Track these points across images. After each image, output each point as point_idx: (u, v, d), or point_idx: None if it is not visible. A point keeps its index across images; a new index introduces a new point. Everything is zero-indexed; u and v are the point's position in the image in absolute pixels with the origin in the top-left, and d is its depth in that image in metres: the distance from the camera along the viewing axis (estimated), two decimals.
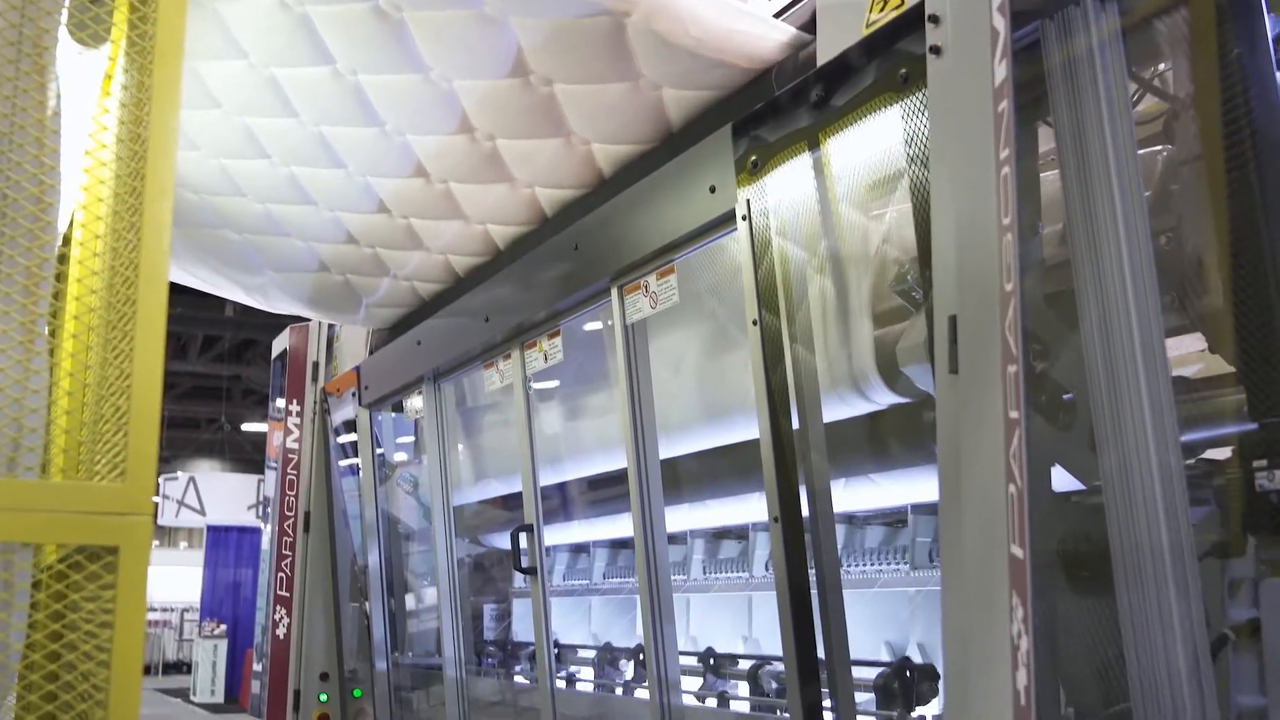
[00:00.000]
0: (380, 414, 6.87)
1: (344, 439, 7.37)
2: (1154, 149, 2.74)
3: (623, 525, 5.38)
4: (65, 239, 2.39)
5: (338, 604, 7.37)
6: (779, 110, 3.36)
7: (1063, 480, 2.74)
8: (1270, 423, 2.30)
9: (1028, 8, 2.56)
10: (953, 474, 2.53)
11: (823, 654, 3.33)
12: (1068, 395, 2.69)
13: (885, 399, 3.51)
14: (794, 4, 3.82)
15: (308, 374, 7.73)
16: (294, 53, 4.03)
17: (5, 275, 2.08)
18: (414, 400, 6.26)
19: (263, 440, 8.95)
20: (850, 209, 3.41)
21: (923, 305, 2.89)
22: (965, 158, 2.54)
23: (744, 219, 3.46)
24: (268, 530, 7.96)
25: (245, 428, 26.82)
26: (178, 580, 26.66)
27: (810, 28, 3.46)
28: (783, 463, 3.36)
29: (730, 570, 5.31)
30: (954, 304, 2.57)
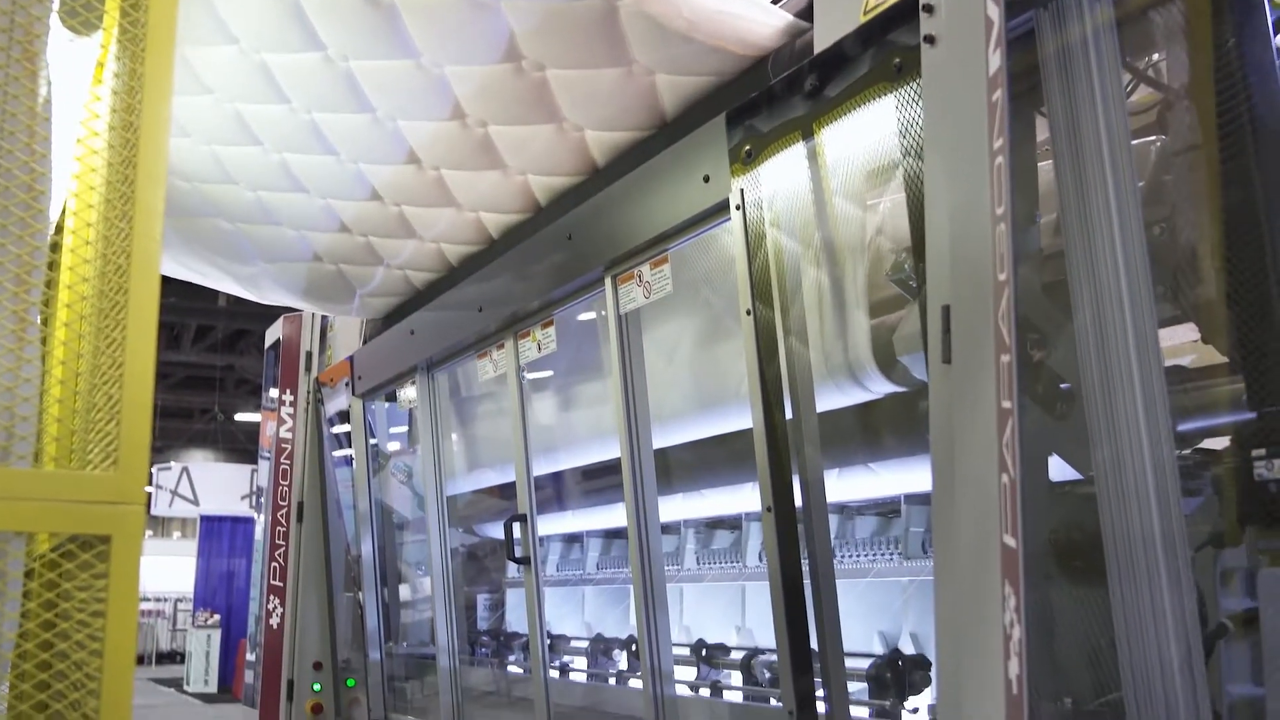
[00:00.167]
0: (373, 404, 6.87)
1: (338, 429, 7.37)
2: (1148, 139, 2.74)
3: (616, 515, 5.38)
4: (57, 227, 2.39)
5: (331, 594, 7.37)
6: (773, 99, 3.35)
7: (1055, 470, 2.74)
8: (1268, 412, 2.30)
9: None
10: (946, 464, 2.53)
11: (816, 644, 3.34)
12: (1065, 385, 2.69)
13: (882, 388, 3.51)
14: None
15: (301, 364, 7.72)
16: (284, 38, 4.01)
17: None
18: (407, 390, 6.25)
19: (256, 430, 8.93)
20: (845, 198, 3.41)
21: (920, 294, 2.89)
22: (959, 147, 2.54)
23: (738, 209, 3.46)
24: (261, 520, 7.96)
25: (239, 418, 26.82)
26: (171, 570, 26.65)
27: (808, 15, 3.46)
28: (776, 452, 3.36)
29: (723, 560, 5.32)
30: (947, 294, 2.57)
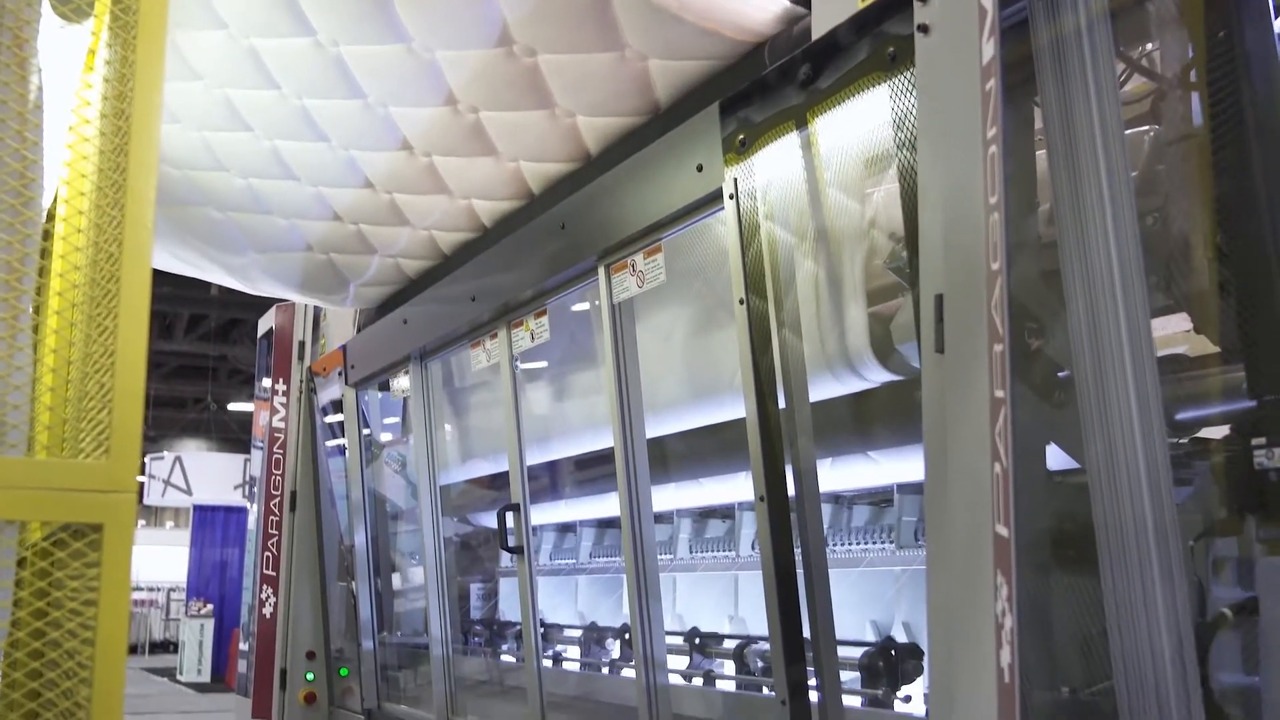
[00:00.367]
0: (367, 393, 6.87)
1: (330, 418, 7.36)
2: (1141, 129, 2.74)
3: (609, 505, 5.38)
4: (49, 216, 2.38)
5: (324, 583, 7.37)
6: (767, 89, 3.35)
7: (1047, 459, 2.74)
8: (1268, 401, 2.30)
9: None
10: (938, 453, 2.53)
11: (808, 633, 3.34)
12: (1063, 373, 2.69)
13: (880, 376, 3.51)
14: None
15: (294, 353, 7.72)
16: (274, 23, 4.00)
17: None
18: (400, 380, 6.25)
19: (249, 420, 8.93)
20: (840, 187, 3.41)
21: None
22: (952, 137, 2.54)
23: (731, 198, 3.45)
24: (254, 510, 7.95)
25: (231, 407, 26.78)
26: (164, 560, 26.69)
27: (805, 1, 3.44)
28: (769, 441, 3.37)
29: (716, 550, 5.32)
30: (940, 283, 2.57)
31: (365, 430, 6.85)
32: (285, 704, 7.32)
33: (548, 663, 5.47)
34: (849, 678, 3.72)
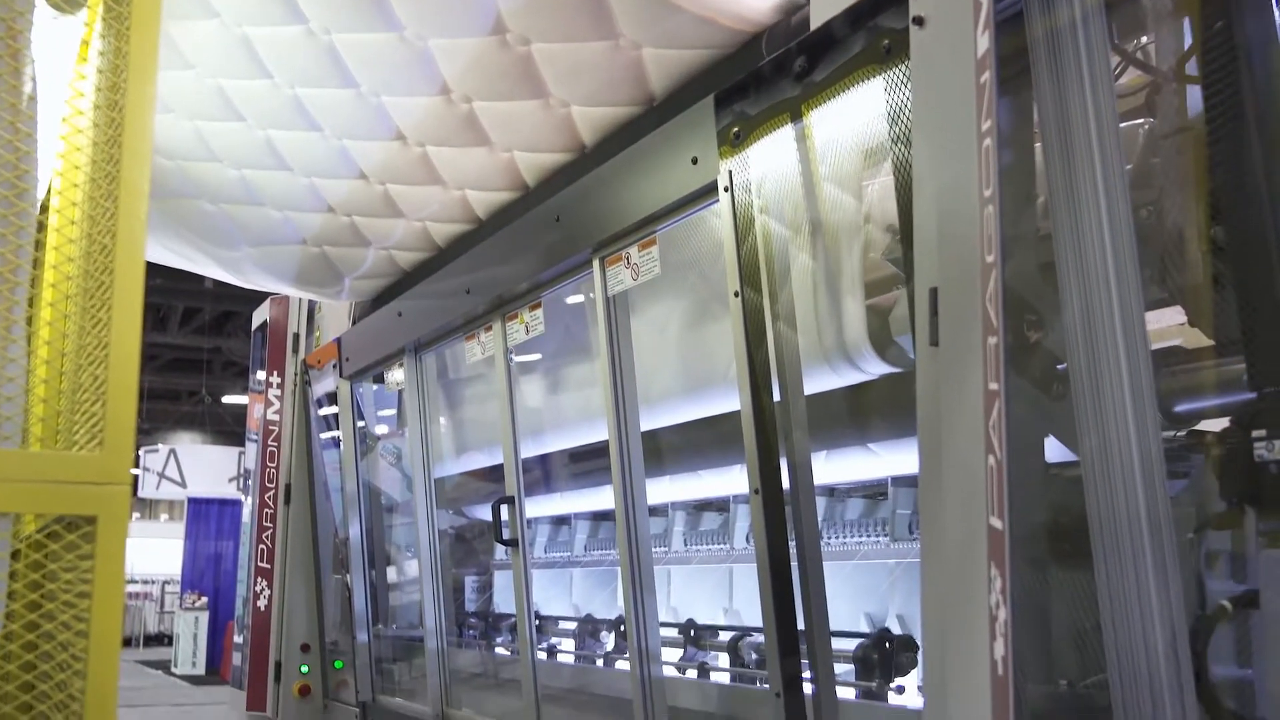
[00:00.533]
0: (361, 386, 6.86)
1: (325, 411, 7.36)
2: (1135, 122, 2.74)
3: (604, 497, 5.39)
4: (42, 207, 2.38)
5: (319, 576, 7.37)
6: (761, 81, 3.35)
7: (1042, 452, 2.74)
8: (1269, 393, 2.30)
9: None
10: (933, 446, 2.54)
11: (803, 625, 3.35)
12: (1061, 366, 2.69)
13: (877, 369, 3.51)
14: None
15: (288, 346, 7.71)
16: (266, 11, 3.98)
17: None
18: (395, 372, 6.25)
19: (243, 412, 8.93)
20: (835, 179, 3.41)
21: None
22: (947, 130, 2.53)
23: (726, 190, 3.45)
24: (248, 503, 7.95)
25: (226, 400, 26.76)
26: (159, 552, 26.63)
27: None
28: (764, 435, 3.37)
29: (711, 542, 5.33)
30: (935, 276, 2.57)
31: (360, 423, 6.84)
32: (280, 696, 7.33)
33: (542, 655, 5.47)
34: (843, 670, 3.73)
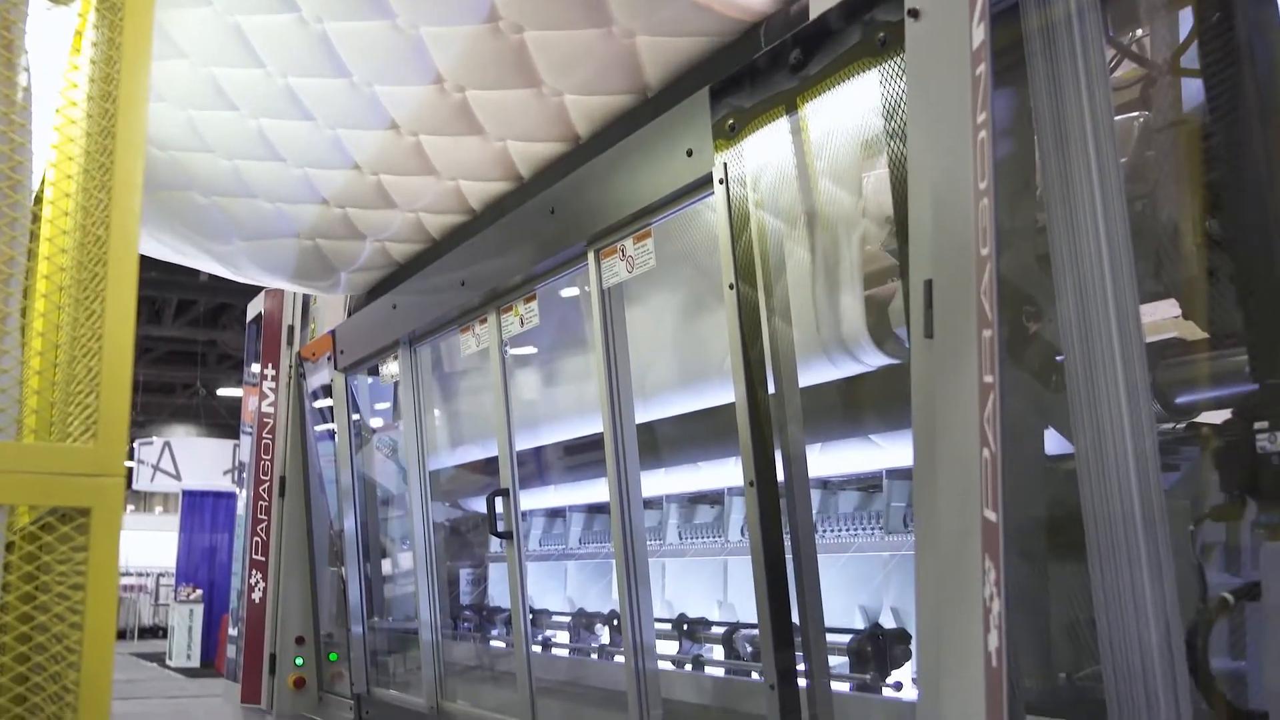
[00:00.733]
0: (356, 378, 6.86)
1: (320, 404, 7.35)
2: (1131, 115, 2.74)
3: (599, 490, 5.39)
4: (36, 198, 2.37)
5: (314, 568, 7.36)
6: (756, 73, 3.34)
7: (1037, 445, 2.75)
8: (1270, 384, 2.30)
9: None
10: (927, 439, 2.54)
11: (797, 618, 3.35)
12: (1060, 357, 2.69)
13: (876, 360, 3.51)
14: None
15: (283, 338, 7.70)
16: None
17: None
18: (390, 365, 6.24)
19: (238, 405, 8.92)
20: (832, 171, 3.40)
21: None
22: (942, 122, 2.53)
23: (721, 183, 3.45)
24: (243, 495, 7.95)
25: (221, 392, 26.74)
26: (154, 545, 26.66)
27: None
28: (758, 427, 3.37)
29: (705, 535, 5.33)
30: (929, 269, 2.57)
31: (355, 415, 6.84)
32: (275, 689, 7.33)
33: (537, 648, 5.48)
34: (837, 663, 3.73)
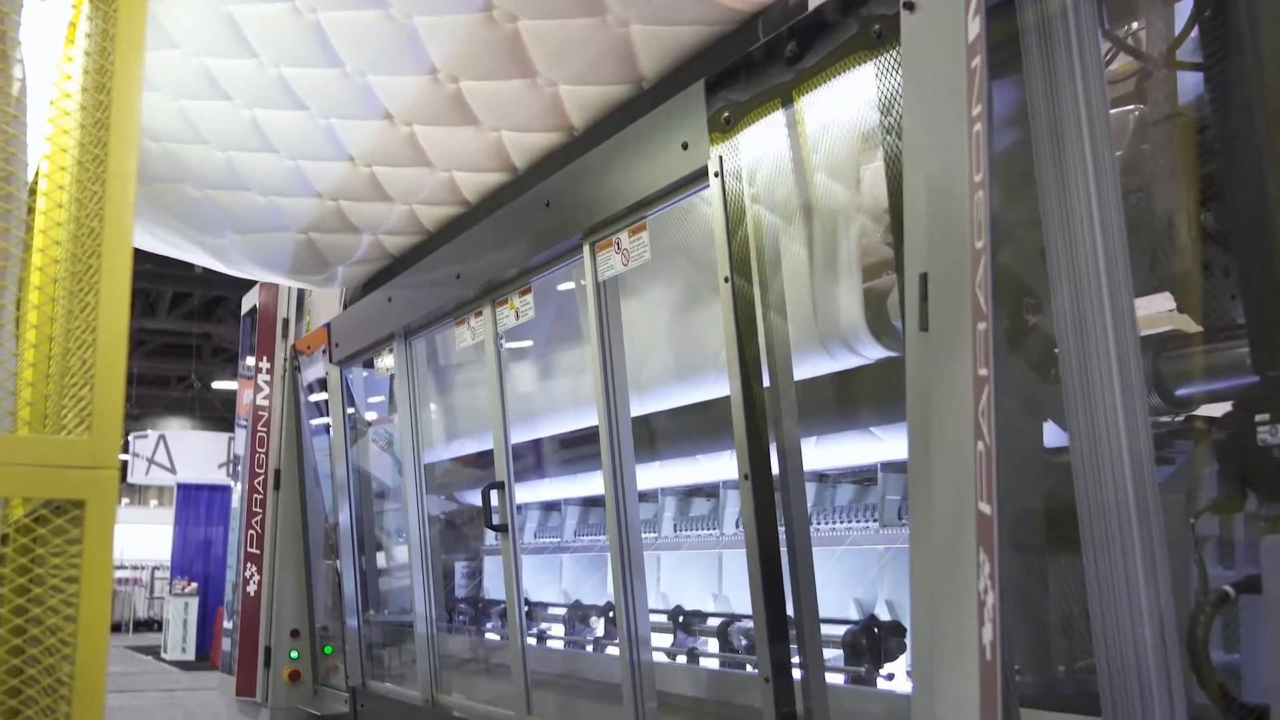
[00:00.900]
0: (351, 371, 6.85)
1: (315, 397, 7.35)
2: (1126, 108, 2.74)
3: (594, 483, 5.39)
4: (30, 190, 2.37)
5: (309, 561, 7.36)
6: (752, 66, 3.34)
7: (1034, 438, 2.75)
8: (1271, 376, 2.30)
9: None
10: (922, 431, 2.54)
11: (792, 611, 3.35)
12: (1058, 349, 2.69)
13: (875, 353, 3.51)
14: None
15: (278, 331, 7.69)
16: None
17: None
18: (385, 358, 6.24)
19: (233, 398, 8.91)
20: (828, 164, 3.40)
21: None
22: (937, 115, 2.53)
23: (716, 176, 3.45)
24: (238, 488, 7.94)
25: (215, 385, 26.73)
26: (148, 538, 26.61)
27: None
28: (754, 420, 3.37)
29: (701, 528, 5.33)
30: (924, 262, 2.57)
31: (350, 409, 6.83)
32: (270, 682, 7.33)
33: (532, 641, 5.48)
34: (832, 655, 3.73)
